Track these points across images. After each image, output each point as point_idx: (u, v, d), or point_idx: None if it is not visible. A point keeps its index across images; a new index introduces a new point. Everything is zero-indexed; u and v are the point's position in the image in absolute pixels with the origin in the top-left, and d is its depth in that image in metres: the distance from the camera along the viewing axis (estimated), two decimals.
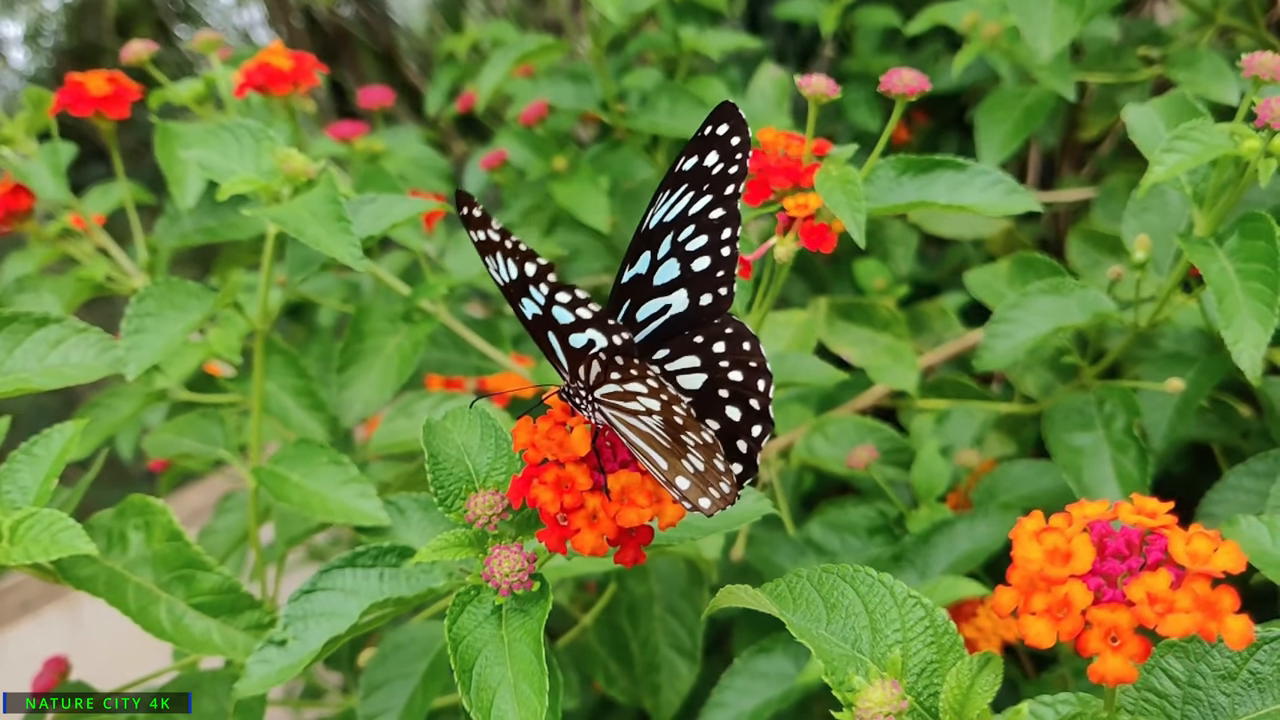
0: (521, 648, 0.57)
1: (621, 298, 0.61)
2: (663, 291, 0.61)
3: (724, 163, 0.60)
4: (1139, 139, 0.88)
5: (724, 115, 0.60)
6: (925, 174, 0.85)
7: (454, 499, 0.62)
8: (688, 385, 0.60)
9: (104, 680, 0.95)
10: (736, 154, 0.60)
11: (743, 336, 0.59)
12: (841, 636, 0.52)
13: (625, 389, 0.55)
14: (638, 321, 0.61)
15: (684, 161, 0.60)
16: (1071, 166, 1.71)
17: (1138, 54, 1.26)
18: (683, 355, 0.60)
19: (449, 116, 1.96)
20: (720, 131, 0.60)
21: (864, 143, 1.72)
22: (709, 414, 0.59)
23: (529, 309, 0.56)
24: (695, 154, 0.60)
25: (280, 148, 0.80)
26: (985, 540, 0.95)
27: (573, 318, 0.55)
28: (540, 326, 0.57)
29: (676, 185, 0.61)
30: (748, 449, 0.58)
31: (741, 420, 0.58)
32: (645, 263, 0.61)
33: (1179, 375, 0.96)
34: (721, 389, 0.59)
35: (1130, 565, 0.44)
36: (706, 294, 0.60)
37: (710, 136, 0.60)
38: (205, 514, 1.12)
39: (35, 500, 0.71)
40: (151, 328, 0.77)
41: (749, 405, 0.58)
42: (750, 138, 0.60)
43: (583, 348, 0.56)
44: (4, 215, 1.03)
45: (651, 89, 1.40)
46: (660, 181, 0.61)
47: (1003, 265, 1.12)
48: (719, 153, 0.60)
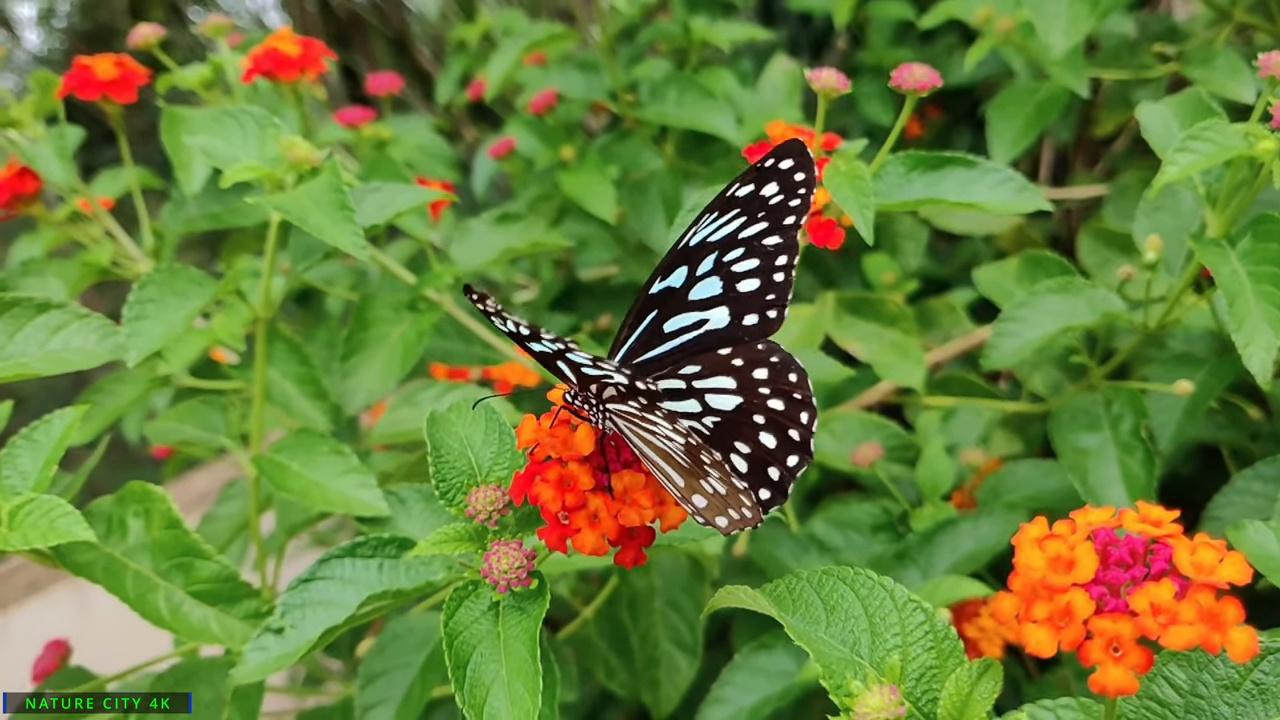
0: (517, 645, 0.56)
1: (648, 307, 0.61)
2: (699, 307, 0.61)
3: (784, 195, 0.60)
4: (1152, 138, 0.87)
5: (790, 151, 0.60)
6: (935, 171, 0.84)
7: (455, 493, 0.62)
8: (718, 405, 0.59)
9: (109, 661, 0.95)
10: (800, 189, 0.60)
11: (789, 368, 0.58)
12: (840, 640, 0.51)
13: (645, 416, 0.55)
14: (665, 332, 0.61)
15: (738, 188, 0.60)
16: (1085, 163, 1.70)
17: (1153, 50, 1.25)
18: (717, 375, 0.59)
19: (460, 104, 1.95)
20: (783, 166, 0.60)
21: (876, 137, 1.72)
22: (738, 437, 0.58)
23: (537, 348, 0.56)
24: (752, 183, 0.60)
25: (284, 135, 0.80)
26: (989, 540, 0.95)
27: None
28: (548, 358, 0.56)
29: (726, 209, 0.60)
30: (780, 476, 0.57)
31: (777, 448, 0.57)
32: (681, 277, 0.61)
33: (1188, 377, 0.95)
34: (757, 415, 0.58)
35: (1134, 575, 0.44)
36: (752, 314, 0.60)
37: (772, 169, 0.60)
38: (211, 497, 1.12)
39: (35, 485, 0.71)
40: (153, 314, 0.77)
41: (787, 435, 0.57)
42: (815, 176, 0.60)
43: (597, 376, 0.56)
44: (9, 199, 1.02)
45: (661, 80, 1.39)
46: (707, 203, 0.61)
47: (1012, 263, 1.11)
48: (779, 185, 0.60)
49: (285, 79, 1.06)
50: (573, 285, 1.60)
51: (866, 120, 1.65)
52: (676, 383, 0.60)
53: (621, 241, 1.55)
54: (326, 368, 1.13)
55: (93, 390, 1.03)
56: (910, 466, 1.10)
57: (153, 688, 0.78)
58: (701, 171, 1.47)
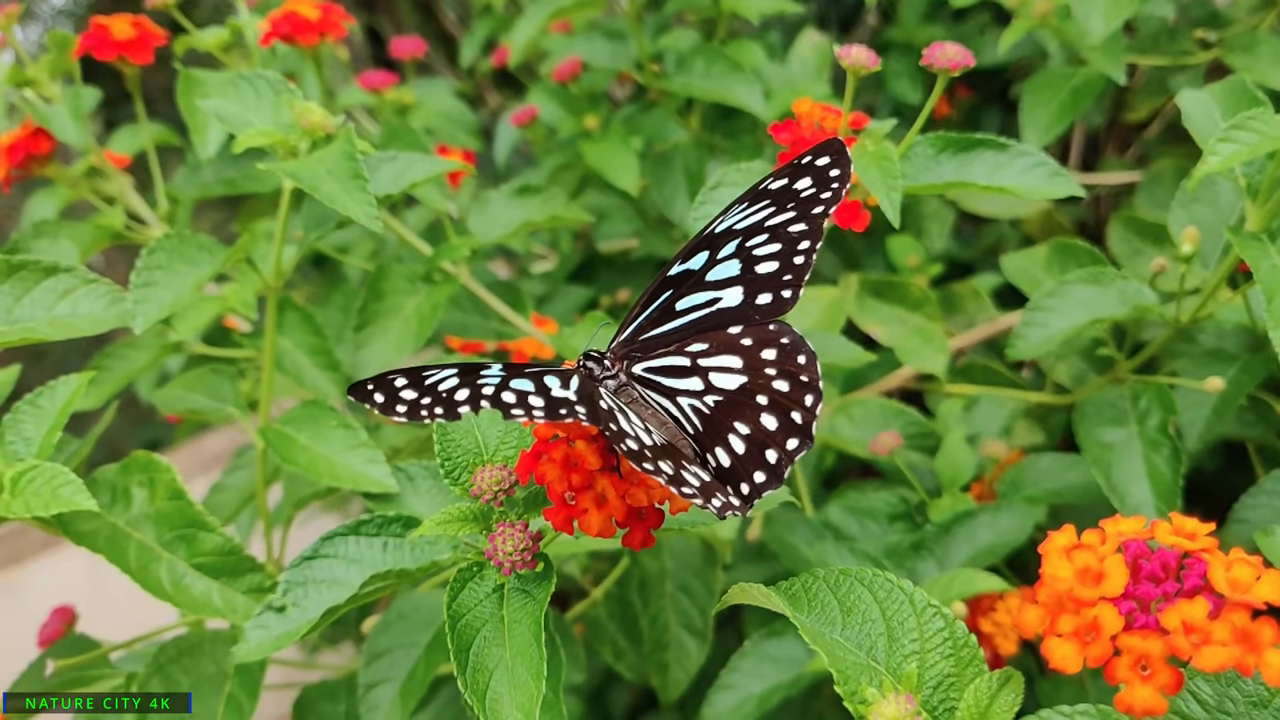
0: (521, 629, 0.55)
1: (664, 287, 0.61)
2: (715, 286, 0.60)
3: (817, 188, 0.59)
4: (1194, 126, 0.85)
5: (828, 150, 0.59)
6: (965, 153, 0.81)
7: (461, 472, 0.60)
8: (721, 384, 0.58)
9: (118, 621, 0.94)
10: (833, 184, 0.59)
11: (799, 350, 0.57)
12: (856, 643, 0.50)
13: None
14: (676, 310, 0.61)
15: (772, 182, 0.59)
16: (1116, 148, 1.66)
17: (1194, 36, 1.22)
18: (723, 353, 0.58)
19: (484, 69, 1.93)
20: (820, 163, 0.59)
21: (904, 115, 1.68)
22: (738, 417, 0.57)
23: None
24: (787, 177, 0.59)
25: (299, 101, 0.78)
26: (1008, 534, 0.93)
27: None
28: None
29: (757, 200, 0.60)
30: (777, 460, 0.56)
31: (777, 431, 0.56)
32: (701, 260, 0.60)
33: (1219, 372, 0.92)
34: (761, 395, 0.57)
35: (1165, 590, 0.42)
36: (766, 294, 0.59)
37: (808, 165, 0.59)
38: (225, 459, 1.10)
39: (38, 452, 0.70)
40: (161, 281, 0.75)
41: (789, 418, 0.56)
42: (850, 173, 0.59)
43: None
44: (24, 159, 1.01)
45: (688, 50, 1.36)
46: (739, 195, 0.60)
47: (1041, 251, 1.09)
48: (813, 179, 0.59)
49: (304, 43, 1.04)
50: (592, 257, 1.58)
51: (895, 98, 1.62)
52: (680, 359, 0.59)
53: (642, 214, 1.53)
54: (340, 335, 1.11)
55: (104, 355, 1.01)
56: (929, 455, 1.08)
57: (154, 659, 0.77)
58: (726, 145, 1.45)
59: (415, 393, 0.52)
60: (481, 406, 0.51)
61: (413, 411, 0.52)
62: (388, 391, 0.52)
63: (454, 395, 0.52)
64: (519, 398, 0.51)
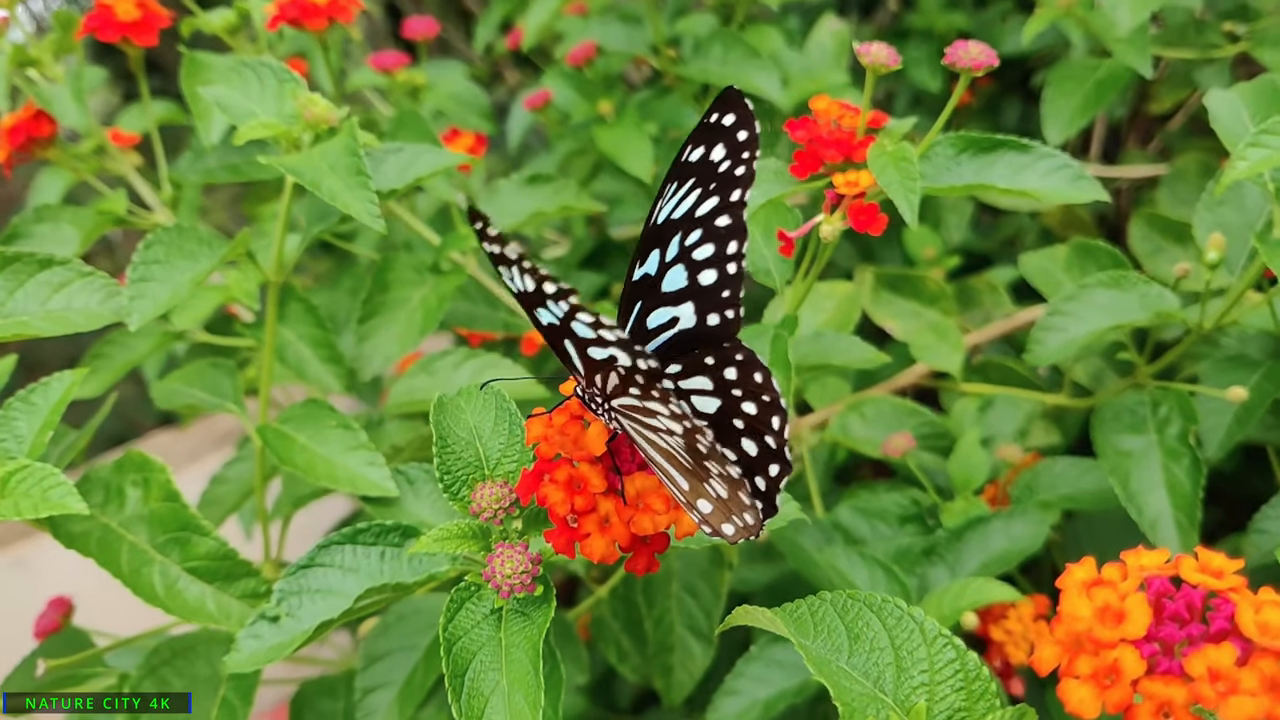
0: (519, 654, 0.53)
1: (633, 298, 0.56)
2: (670, 300, 0.56)
3: (730, 161, 0.54)
4: (1221, 127, 0.82)
5: (729, 104, 0.54)
6: (986, 154, 0.79)
7: (461, 486, 0.58)
8: (702, 408, 0.54)
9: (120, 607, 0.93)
10: (743, 152, 0.54)
11: (754, 366, 0.53)
12: (863, 672, 0.48)
13: (645, 405, 0.51)
14: (648, 329, 0.56)
15: (690, 151, 0.55)
16: (1138, 140, 1.63)
17: (1222, 29, 1.19)
18: (695, 375, 0.55)
19: (501, 49, 1.90)
20: (726, 122, 0.54)
21: (924, 104, 1.65)
22: (725, 443, 0.54)
23: (545, 318, 0.51)
24: (702, 144, 0.54)
25: (303, 91, 0.76)
26: (1021, 541, 0.91)
27: (594, 335, 0.50)
28: (555, 334, 0.52)
29: (684, 178, 0.55)
30: (766, 487, 0.53)
31: (758, 456, 0.53)
32: (654, 263, 0.56)
33: (1241, 379, 0.90)
34: (735, 419, 0.53)
35: (1190, 633, 0.40)
36: (713, 314, 0.55)
37: (716, 126, 0.54)
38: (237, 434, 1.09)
39: (30, 451, 0.68)
40: (158, 276, 0.73)
41: (765, 442, 0.53)
42: (758, 136, 0.54)
43: (603, 360, 0.51)
44: (24, 141, 0.99)
45: (705, 35, 1.34)
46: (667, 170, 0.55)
47: (1060, 251, 1.06)
48: (725, 147, 0.54)
49: (312, 27, 1.02)
50: (604, 243, 1.56)
51: (915, 86, 1.59)
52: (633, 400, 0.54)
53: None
54: (349, 319, 1.09)
55: (104, 342, 1.00)
56: (942, 456, 1.06)
57: (148, 661, 0.75)
58: None
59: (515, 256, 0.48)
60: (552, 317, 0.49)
61: (501, 260, 0.48)
62: (498, 238, 0.47)
63: (543, 287, 0.48)
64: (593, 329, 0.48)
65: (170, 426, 2.34)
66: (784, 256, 0.81)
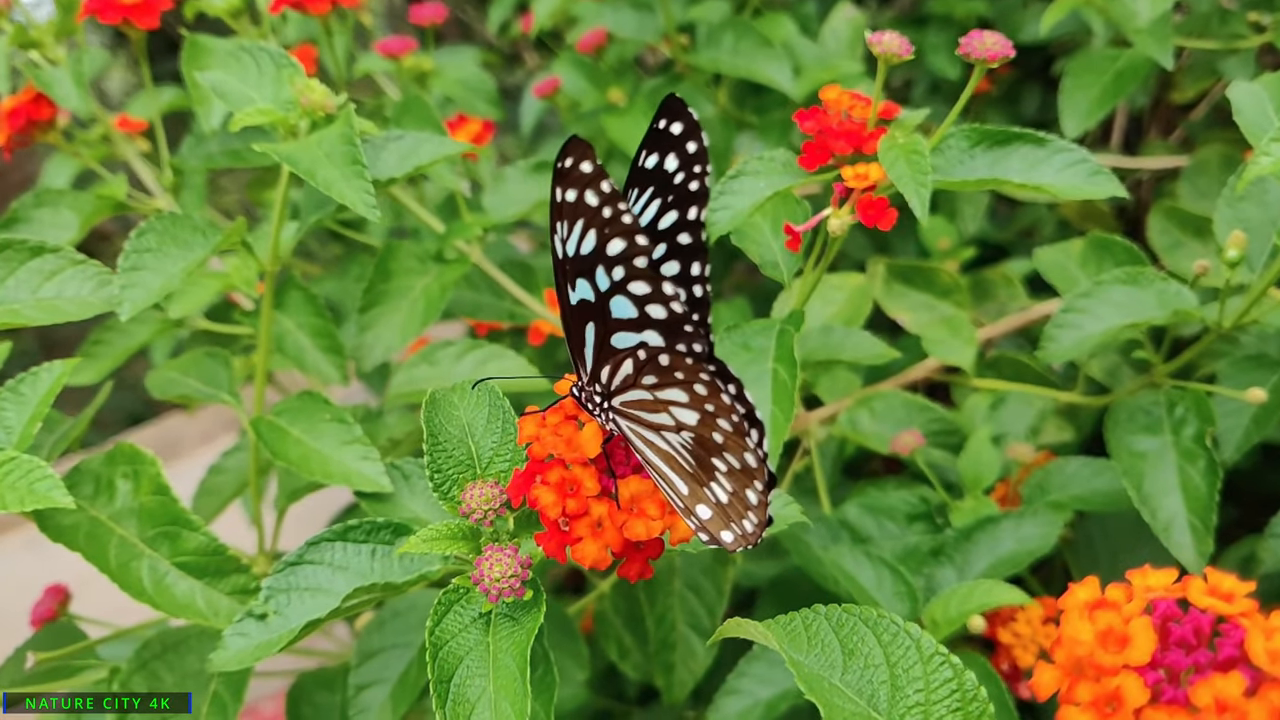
0: (507, 660, 0.52)
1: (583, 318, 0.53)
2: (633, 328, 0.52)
3: (684, 173, 0.53)
4: (1244, 121, 0.79)
5: (673, 111, 0.52)
6: (1000, 147, 0.77)
7: (451, 485, 0.57)
8: (685, 419, 0.52)
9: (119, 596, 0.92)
10: (694, 165, 0.53)
11: (727, 378, 0.52)
12: (857, 690, 0.46)
13: (657, 397, 0.49)
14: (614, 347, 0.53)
15: (645, 157, 0.53)
16: (1160, 130, 1.60)
17: (1247, 19, 1.16)
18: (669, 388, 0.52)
19: (517, 32, 1.88)
20: (675, 130, 0.52)
21: (942, 91, 1.63)
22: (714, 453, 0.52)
23: (580, 292, 0.49)
24: (655, 151, 0.53)
25: (300, 78, 0.74)
26: (1031, 543, 0.89)
27: (636, 314, 0.48)
28: (583, 315, 0.50)
29: (643, 186, 0.53)
30: (755, 501, 0.52)
31: (742, 470, 0.51)
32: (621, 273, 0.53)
33: (1260, 379, 0.88)
34: (715, 434, 0.51)
35: (1197, 660, 0.38)
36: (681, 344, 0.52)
37: (665, 133, 0.53)
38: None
39: (18, 443, 0.67)
40: (151, 265, 0.72)
41: (744, 457, 0.51)
42: (707, 148, 0.52)
43: (625, 349, 0.50)
44: (24, 125, 0.98)
45: (718, 23, 1.32)
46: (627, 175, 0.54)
47: (1076, 245, 1.04)
48: (678, 159, 0.53)
49: (315, 11, 1.00)
50: None
51: (932, 73, 1.57)
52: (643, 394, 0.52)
53: None
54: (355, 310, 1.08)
55: (104, 329, 0.99)
56: (953, 452, 1.04)
57: (138, 655, 0.74)
58: (755, 122, 1.40)
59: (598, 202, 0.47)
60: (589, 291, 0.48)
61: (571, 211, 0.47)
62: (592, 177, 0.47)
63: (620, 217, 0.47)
64: None
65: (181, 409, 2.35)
66: (791, 250, 0.79)
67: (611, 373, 0.51)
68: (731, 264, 1.61)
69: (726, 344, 0.78)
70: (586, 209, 0.47)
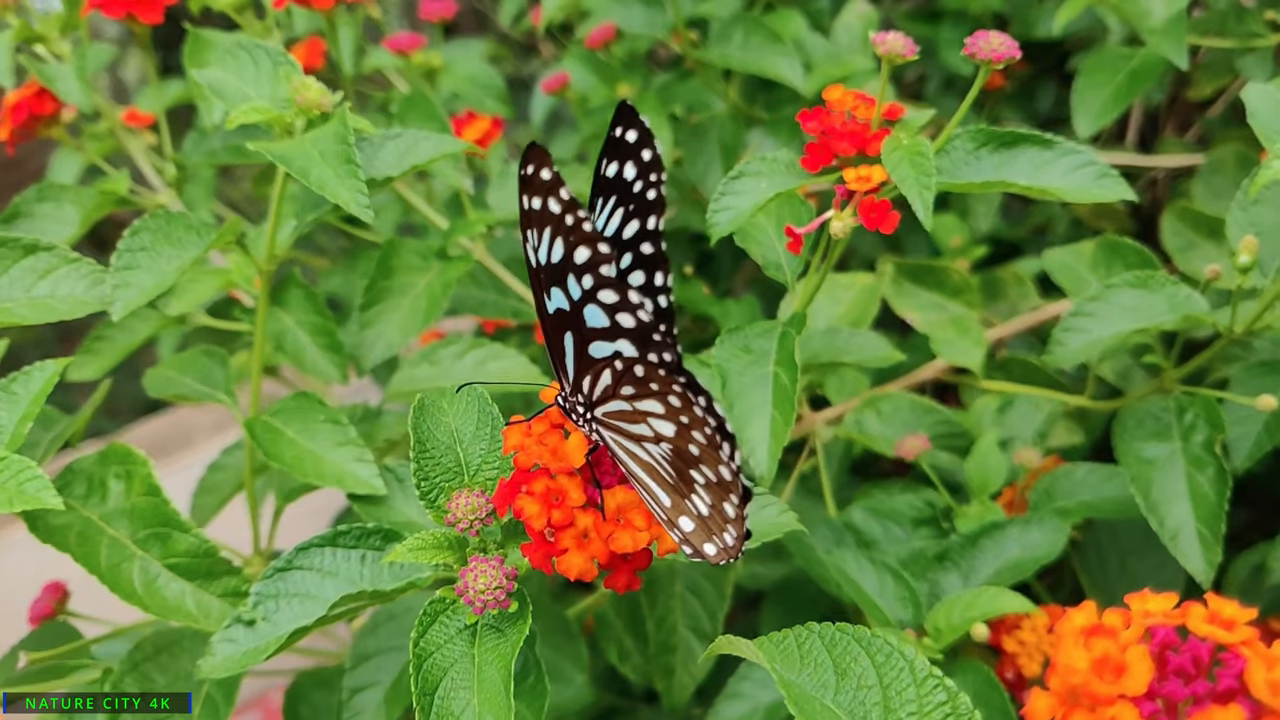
0: (492, 673, 0.51)
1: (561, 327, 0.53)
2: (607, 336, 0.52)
3: (641, 182, 0.52)
4: (1259, 124, 0.78)
5: (627, 119, 0.52)
6: (1007, 149, 0.75)
7: (438, 494, 0.56)
8: (662, 430, 0.51)
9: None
10: (650, 174, 0.52)
11: (696, 390, 0.50)
12: (848, 711, 0.45)
13: (635, 408, 0.48)
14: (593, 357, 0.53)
15: (605, 165, 0.52)
16: (1176, 127, 1.58)
17: (1264, 17, 1.14)
18: (645, 399, 0.51)
19: (530, 24, 1.87)
20: (629, 138, 0.52)
21: (956, 87, 1.61)
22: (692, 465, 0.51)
23: (556, 301, 0.49)
24: (615, 160, 0.52)
25: (296, 75, 0.73)
26: (1037, 549, 0.87)
27: (608, 323, 0.48)
28: (560, 324, 0.49)
29: (607, 195, 0.53)
30: (733, 514, 0.51)
31: (719, 483, 0.50)
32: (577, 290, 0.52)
33: (1272, 385, 0.86)
34: (691, 445, 0.50)
35: (1196, 690, 0.37)
36: (652, 354, 0.51)
37: (621, 140, 0.52)
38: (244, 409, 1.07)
39: (9, 443, 0.66)
40: (144, 264, 0.71)
41: (719, 471, 0.50)
42: (660, 156, 0.51)
43: (602, 358, 0.49)
44: (27, 119, 0.98)
45: (728, 19, 1.30)
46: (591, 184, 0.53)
47: (1087, 247, 1.02)
48: (635, 166, 0.52)
49: (319, 6, 0.99)
50: None
51: (946, 69, 1.55)
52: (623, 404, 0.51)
53: (677, 186, 1.47)
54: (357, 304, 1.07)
55: (106, 325, 0.99)
56: (960, 455, 1.03)
57: (130, 657, 0.74)
58: (765, 118, 1.39)
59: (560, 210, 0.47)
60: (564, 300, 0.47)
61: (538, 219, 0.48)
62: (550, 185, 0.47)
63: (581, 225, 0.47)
64: None
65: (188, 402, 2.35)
66: (792, 252, 0.78)
67: (592, 383, 0.50)
68: (740, 261, 1.60)
69: (727, 346, 0.77)
70: (551, 216, 0.48)
